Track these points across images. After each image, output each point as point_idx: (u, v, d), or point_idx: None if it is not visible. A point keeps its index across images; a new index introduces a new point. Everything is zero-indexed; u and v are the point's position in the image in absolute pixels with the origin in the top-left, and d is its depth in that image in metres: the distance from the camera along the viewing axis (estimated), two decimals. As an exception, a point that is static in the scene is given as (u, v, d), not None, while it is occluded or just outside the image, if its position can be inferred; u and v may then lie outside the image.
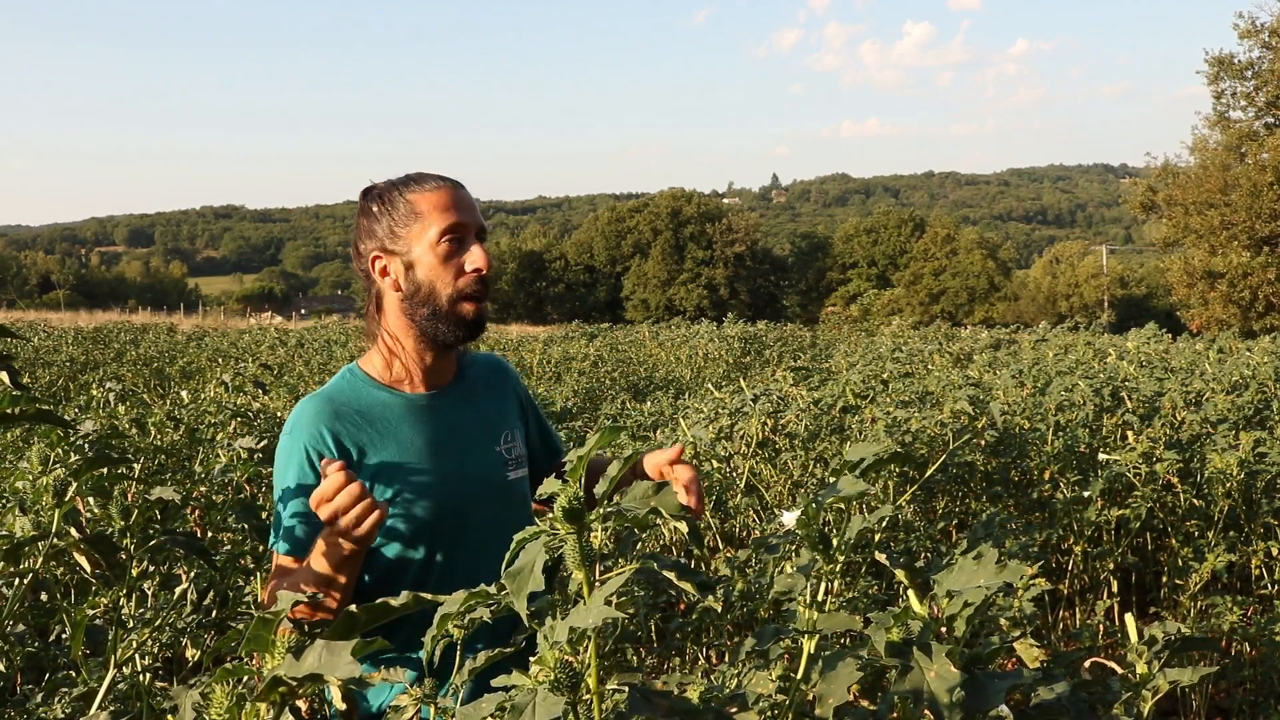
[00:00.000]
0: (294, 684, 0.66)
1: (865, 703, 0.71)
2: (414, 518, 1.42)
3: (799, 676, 0.74)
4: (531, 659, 0.68)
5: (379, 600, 0.79)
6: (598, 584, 0.70)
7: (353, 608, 0.75)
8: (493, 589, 0.73)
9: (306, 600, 1.11)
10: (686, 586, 0.70)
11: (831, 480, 0.77)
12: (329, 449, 1.40)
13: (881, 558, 0.76)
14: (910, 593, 0.64)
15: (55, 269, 71.43)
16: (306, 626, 1.38)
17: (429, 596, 0.82)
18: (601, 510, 0.72)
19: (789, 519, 0.78)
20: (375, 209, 1.46)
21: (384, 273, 1.46)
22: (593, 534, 0.72)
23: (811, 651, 0.74)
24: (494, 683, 0.74)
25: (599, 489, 0.77)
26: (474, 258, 1.43)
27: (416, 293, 1.43)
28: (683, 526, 0.71)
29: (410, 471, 1.42)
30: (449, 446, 1.46)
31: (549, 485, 0.75)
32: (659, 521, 0.70)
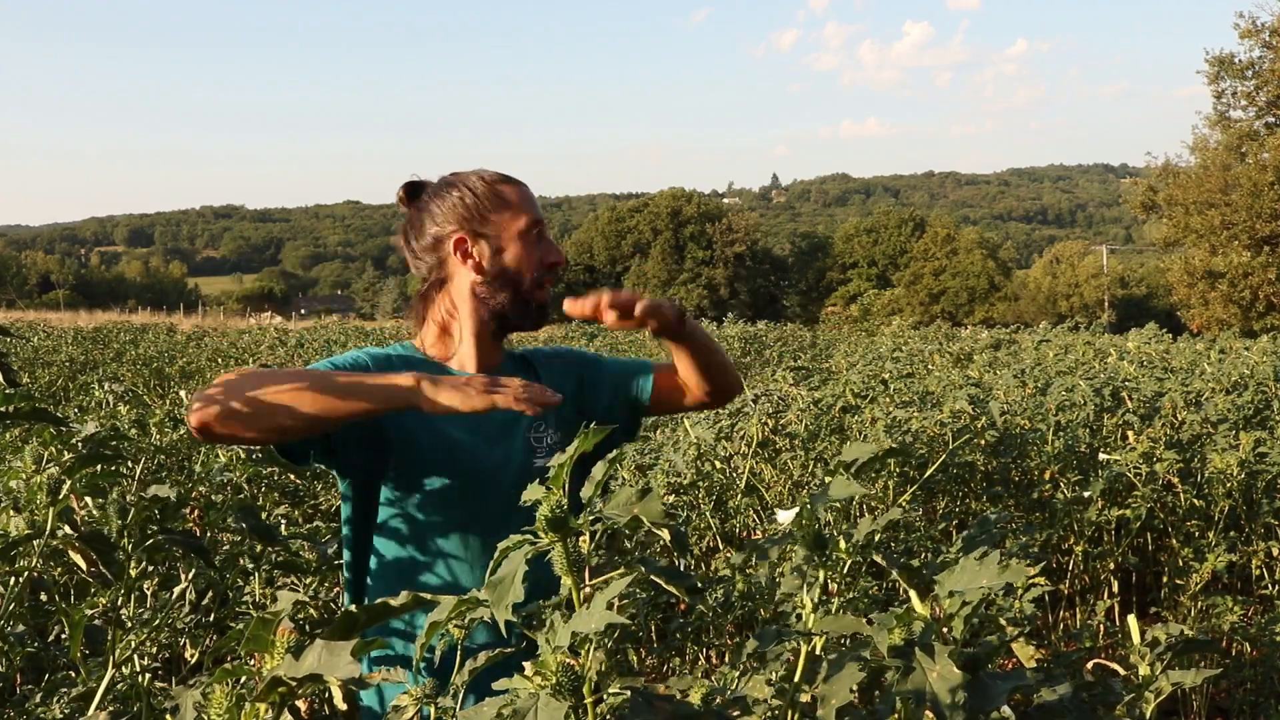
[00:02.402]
0: (294, 684, 0.66)
1: (862, 706, 0.71)
2: (434, 482, 1.47)
3: (797, 679, 0.73)
4: (526, 663, 0.68)
5: (379, 600, 0.79)
6: (596, 588, 0.69)
7: (352, 607, 0.75)
8: (481, 595, 0.72)
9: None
10: (675, 590, 0.70)
11: (828, 481, 0.77)
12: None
13: (879, 559, 0.76)
14: (912, 594, 0.63)
15: (55, 269, 71.44)
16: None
17: (429, 596, 0.81)
18: (587, 517, 0.72)
19: (784, 517, 0.77)
20: (457, 194, 1.52)
21: (466, 255, 1.51)
22: (581, 539, 0.72)
23: (816, 653, 0.74)
24: (495, 685, 0.74)
25: (585, 492, 0.76)
26: (555, 251, 1.54)
27: (500, 276, 1.50)
28: (665, 534, 0.71)
29: (434, 439, 1.47)
30: (476, 424, 1.49)
31: (532, 492, 0.74)
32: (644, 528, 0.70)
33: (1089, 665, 0.76)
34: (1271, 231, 24.52)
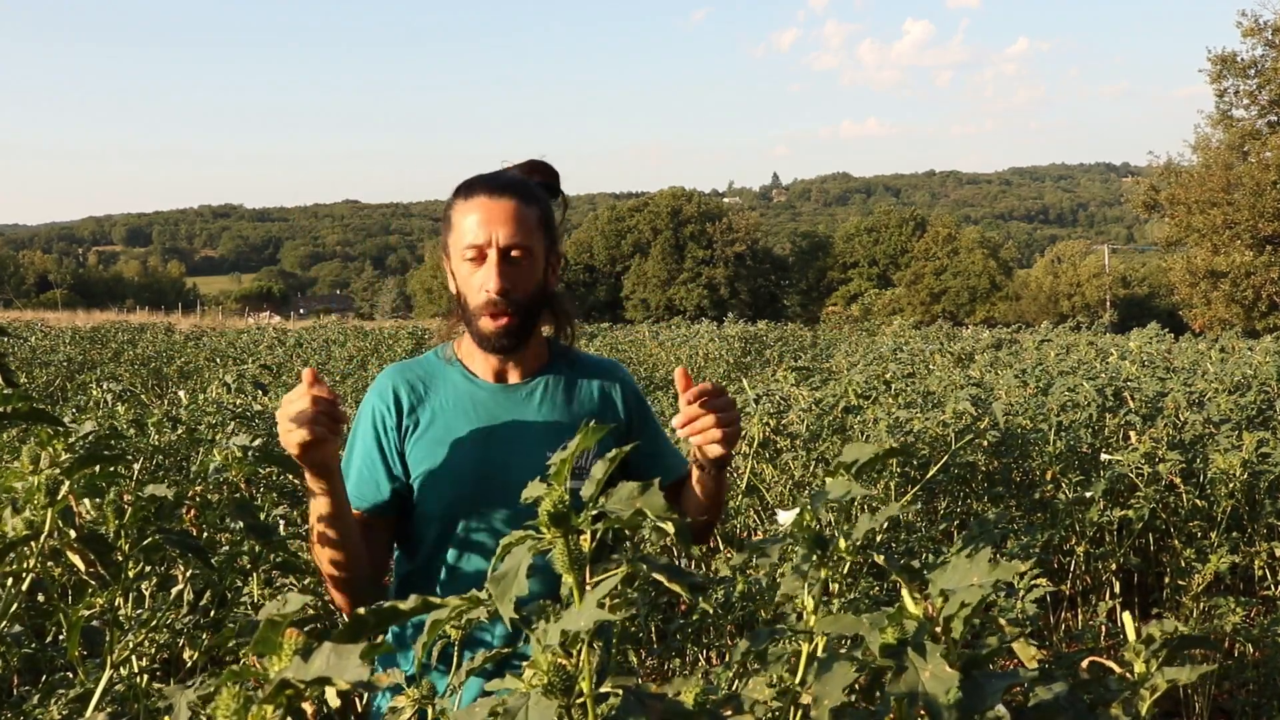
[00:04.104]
0: (301, 686, 0.66)
1: (864, 704, 0.71)
2: (439, 496, 1.45)
3: (796, 680, 0.73)
4: (519, 663, 0.68)
5: (387, 604, 0.79)
6: (589, 586, 0.69)
7: (360, 610, 0.75)
8: (484, 594, 0.72)
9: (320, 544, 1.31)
10: (677, 588, 0.70)
11: (828, 481, 0.76)
12: (389, 407, 1.47)
13: (879, 559, 0.75)
14: (905, 593, 0.63)
15: (53, 268, 71.51)
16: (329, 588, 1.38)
17: (438, 600, 0.81)
18: (589, 513, 0.71)
19: (785, 518, 0.77)
20: (443, 213, 1.51)
21: (450, 276, 1.50)
22: (582, 537, 0.71)
23: (818, 655, 0.73)
24: (488, 686, 0.74)
25: (585, 491, 0.75)
26: (485, 279, 1.42)
27: (458, 299, 1.48)
28: (669, 527, 0.70)
29: (445, 453, 1.45)
30: (493, 441, 1.46)
31: (533, 489, 0.74)
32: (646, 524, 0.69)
33: (1084, 664, 0.76)
34: (1274, 231, 24.50)
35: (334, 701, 0.84)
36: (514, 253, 1.42)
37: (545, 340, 1.57)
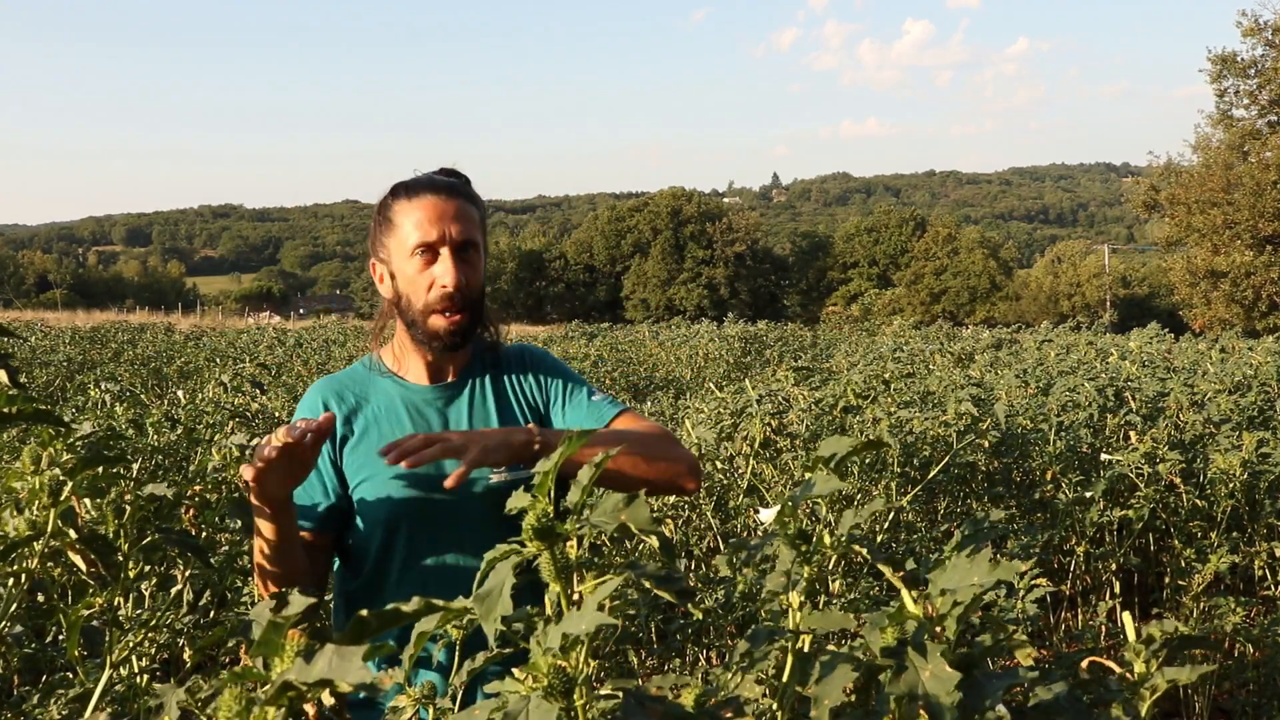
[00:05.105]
0: (304, 688, 0.66)
1: (859, 706, 0.70)
2: (380, 505, 1.45)
3: (786, 679, 0.73)
4: (515, 669, 0.68)
5: (389, 606, 0.79)
6: (587, 590, 0.69)
7: (363, 612, 0.75)
8: (467, 604, 0.72)
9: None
10: (665, 594, 0.70)
11: (808, 477, 0.76)
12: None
13: (864, 553, 0.75)
14: (904, 592, 0.63)
15: (52, 268, 71.45)
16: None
17: (440, 602, 0.80)
18: (573, 524, 0.71)
19: (766, 516, 0.77)
20: (375, 215, 1.52)
21: (381, 279, 1.52)
22: (567, 545, 0.71)
23: (804, 651, 0.73)
24: (486, 689, 0.74)
25: (571, 498, 0.75)
26: (442, 274, 1.44)
27: (399, 301, 1.49)
28: (654, 541, 0.70)
29: (383, 460, 1.44)
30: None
31: (517, 500, 0.73)
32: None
33: (1084, 664, 0.76)
34: (1274, 231, 24.50)
35: (329, 700, 0.84)
36: (467, 249, 1.46)
37: None
